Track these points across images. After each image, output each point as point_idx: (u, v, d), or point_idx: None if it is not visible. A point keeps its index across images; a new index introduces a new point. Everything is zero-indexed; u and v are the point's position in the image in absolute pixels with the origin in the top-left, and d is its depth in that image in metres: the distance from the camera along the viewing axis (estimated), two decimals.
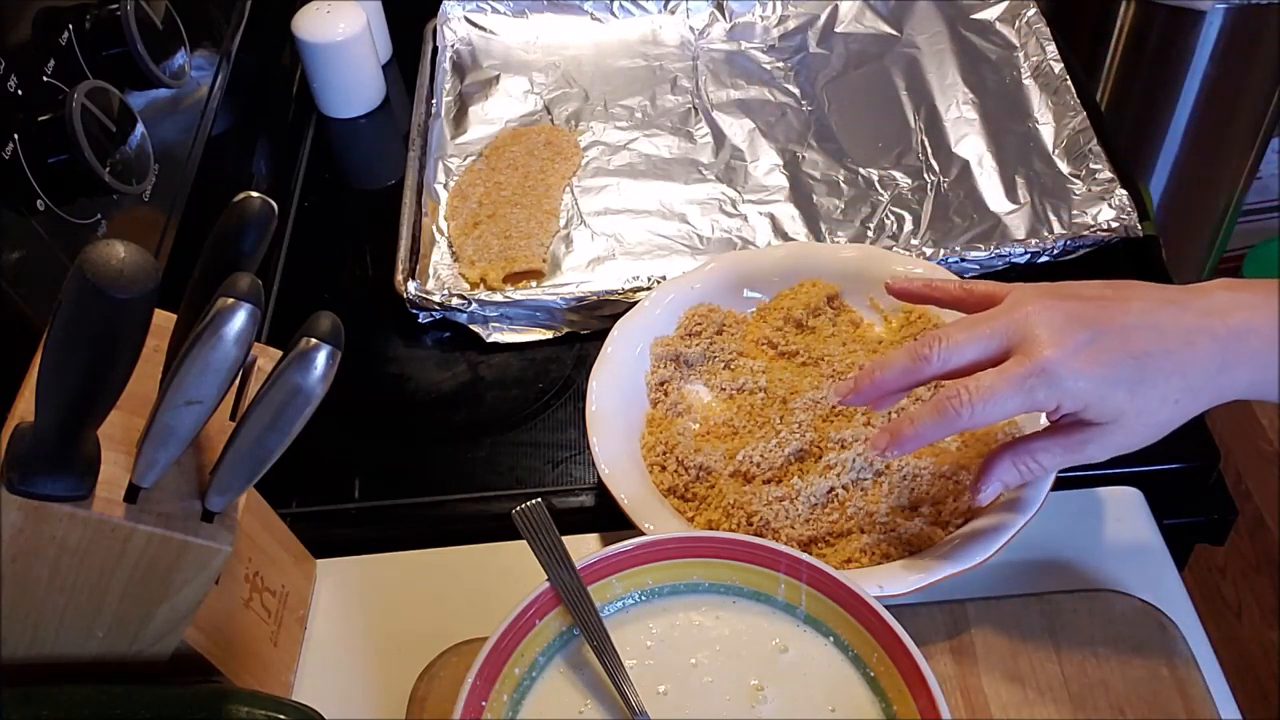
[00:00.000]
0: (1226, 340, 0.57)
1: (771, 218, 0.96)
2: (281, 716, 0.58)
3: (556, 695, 0.64)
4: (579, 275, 0.93)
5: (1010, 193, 0.96)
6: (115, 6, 0.76)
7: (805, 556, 0.64)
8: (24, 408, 0.54)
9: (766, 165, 1.01)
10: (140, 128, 0.76)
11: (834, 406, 0.77)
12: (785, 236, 0.95)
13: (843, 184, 0.99)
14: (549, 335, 0.90)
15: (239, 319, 0.46)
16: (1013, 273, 0.89)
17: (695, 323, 0.82)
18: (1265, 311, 0.57)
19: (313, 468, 0.78)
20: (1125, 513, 0.77)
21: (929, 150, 1.01)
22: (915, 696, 0.60)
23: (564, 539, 0.63)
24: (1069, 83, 1.02)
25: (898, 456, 0.64)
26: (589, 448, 0.74)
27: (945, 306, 0.68)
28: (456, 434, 0.85)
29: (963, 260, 0.88)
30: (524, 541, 0.62)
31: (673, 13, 1.15)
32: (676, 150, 1.03)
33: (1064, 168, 0.98)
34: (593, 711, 0.63)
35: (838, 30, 1.13)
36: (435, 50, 1.12)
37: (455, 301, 0.89)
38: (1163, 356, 0.57)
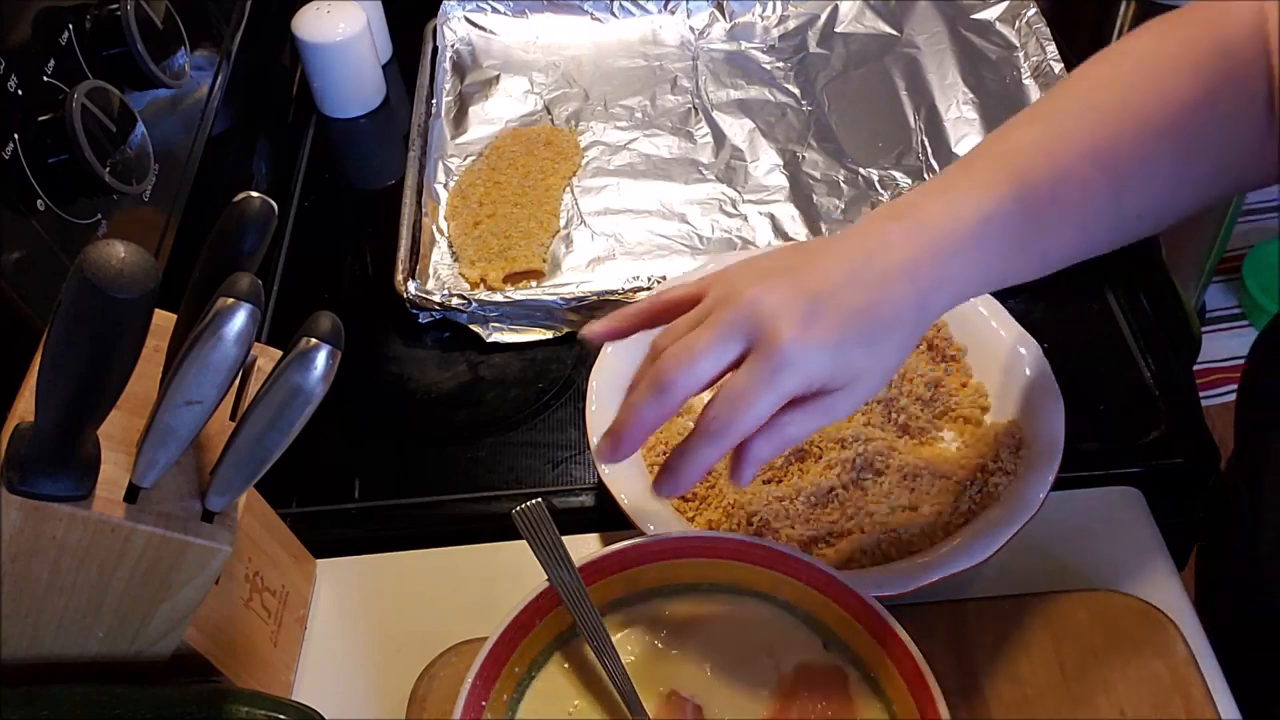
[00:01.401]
0: (915, 278, 0.57)
1: (771, 218, 0.96)
2: (281, 716, 0.58)
3: (556, 695, 0.64)
4: (579, 275, 0.93)
5: None
6: (115, 6, 0.76)
7: (805, 556, 0.64)
8: (24, 408, 0.54)
9: (766, 165, 1.01)
10: (140, 128, 0.76)
11: None
12: (785, 237, 0.95)
13: (843, 184, 0.99)
14: (549, 335, 0.90)
15: (239, 319, 0.46)
16: None
17: None
18: (922, 238, 0.57)
19: (313, 468, 0.78)
20: (1125, 513, 0.77)
21: (929, 150, 1.01)
22: (915, 696, 0.60)
23: (564, 539, 0.63)
24: None
25: (691, 488, 0.60)
26: (589, 448, 0.74)
27: (643, 329, 0.63)
28: (456, 434, 0.85)
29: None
30: (524, 541, 0.62)
31: (673, 13, 1.14)
32: (676, 150, 1.03)
33: None
34: (592, 712, 0.63)
35: (838, 30, 1.13)
36: (435, 50, 1.12)
37: (455, 301, 0.89)
38: (876, 309, 0.56)
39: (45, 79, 0.70)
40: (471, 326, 0.90)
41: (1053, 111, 0.61)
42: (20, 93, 0.68)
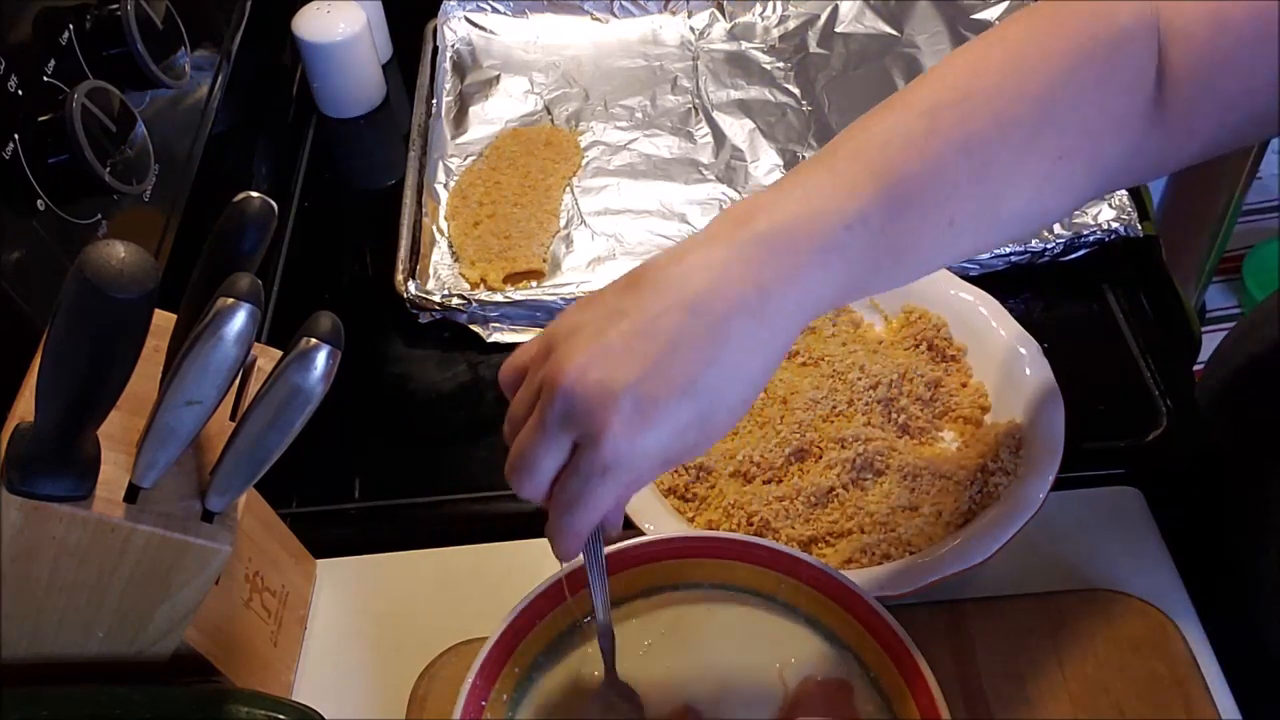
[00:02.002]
0: (762, 310, 0.51)
1: None
2: (281, 716, 0.58)
3: (555, 695, 0.64)
4: (579, 275, 0.93)
5: None
6: (115, 6, 0.76)
7: (805, 556, 0.64)
8: (24, 408, 0.54)
9: (767, 165, 1.00)
10: (140, 127, 0.76)
11: (833, 407, 0.77)
12: None
13: None
14: None
15: (239, 319, 0.46)
16: (1013, 272, 0.89)
17: None
18: (776, 254, 0.52)
19: (313, 468, 0.77)
20: (1125, 513, 0.76)
21: None
22: (915, 696, 0.60)
23: None
24: None
25: (574, 557, 0.57)
26: None
27: (538, 446, 0.54)
28: (456, 434, 0.85)
29: (963, 260, 0.88)
30: (523, 542, 0.62)
31: (673, 13, 1.14)
32: (677, 150, 1.03)
33: None
34: (592, 711, 0.63)
35: (838, 30, 1.13)
36: (435, 50, 1.12)
37: (455, 302, 0.89)
38: (710, 375, 0.51)
39: (45, 79, 0.70)
40: (471, 326, 0.90)
41: (921, 101, 0.55)
42: (20, 93, 0.68)
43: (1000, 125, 0.55)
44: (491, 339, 0.89)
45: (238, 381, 0.56)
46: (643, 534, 0.68)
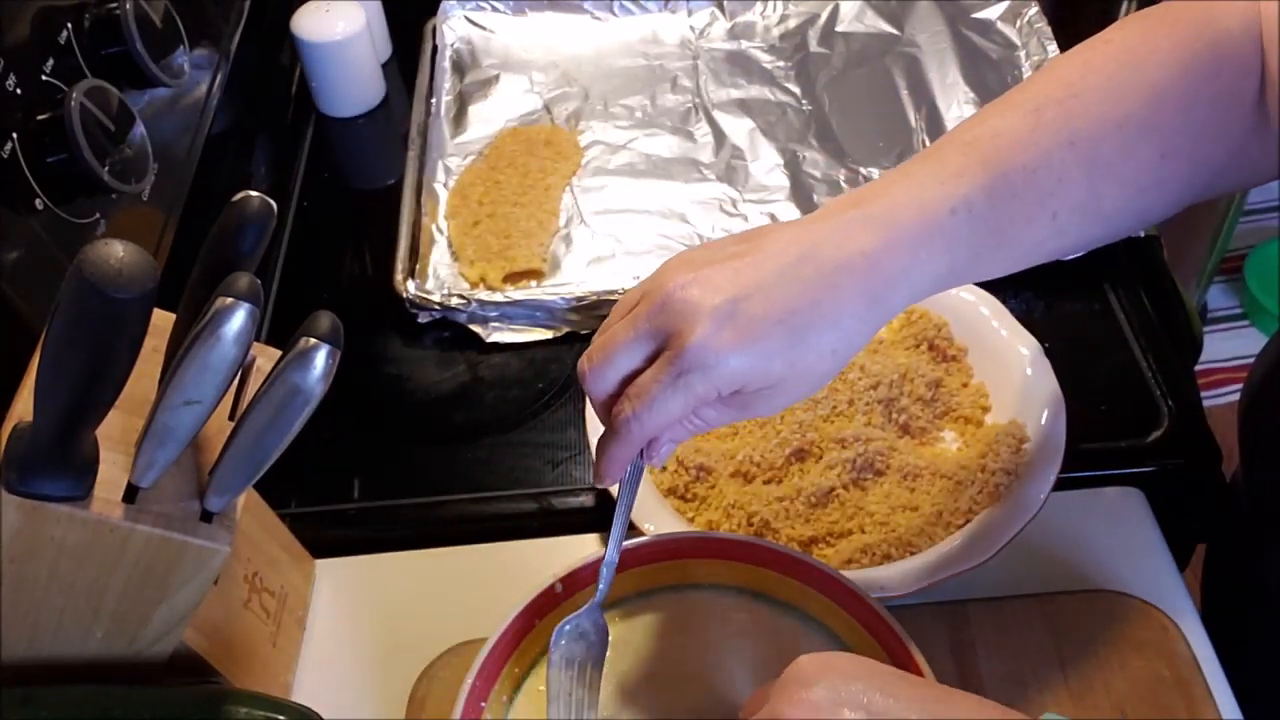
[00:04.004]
0: (869, 273, 0.53)
1: (772, 217, 0.96)
2: (280, 717, 0.58)
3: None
4: (579, 275, 0.93)
5: None
6: (114, 5, 0.76)
7: (805, 557, 0.64)
8: (22, 408, 0.54)
9: (767, 165, 1.00)
10: (139, 127, 0.76)
11: (834, 407, 0.77)
12: None
13: (843, 183, 0.98)
14: (549, 335, 0.90)
15: (238, 319, 0.46)
16: (1014, 272, 0.89)
17: None
18: (883, 229, 0.54)
19: (312, 468, 0.77)
20: (1125, 513, 0.76)
21: None
22: None
23: (563, 539, 0.63)
24: None
25: (615, 480, 0.58)
26: (589, 448, 0.74)
27: (623, 340, 0.55)
28: (456, 434, 0.85)
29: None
30: (523, 542, 0.62)
31: (673, 12, 1.14)
32: (677, 150, 1.03)
33: None
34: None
35: (838, 29, 1.13)
36: (435, 49, 1.12)
37: (455, 301, 0.88)
38: (810, 311, 0.52)
39: (44, 78, 0.70)
40: (471, 326, 0.90)
41: (1030, 99, 0.58)
42: (19, 92, 0.68)
43: (1106, 122, 0.56)
44: (491, 339, 0.89)
45: (237, 381, 0.56)
46: (643, 534, 0.68)
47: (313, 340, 0.47)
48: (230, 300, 0.46)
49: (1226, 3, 0.58)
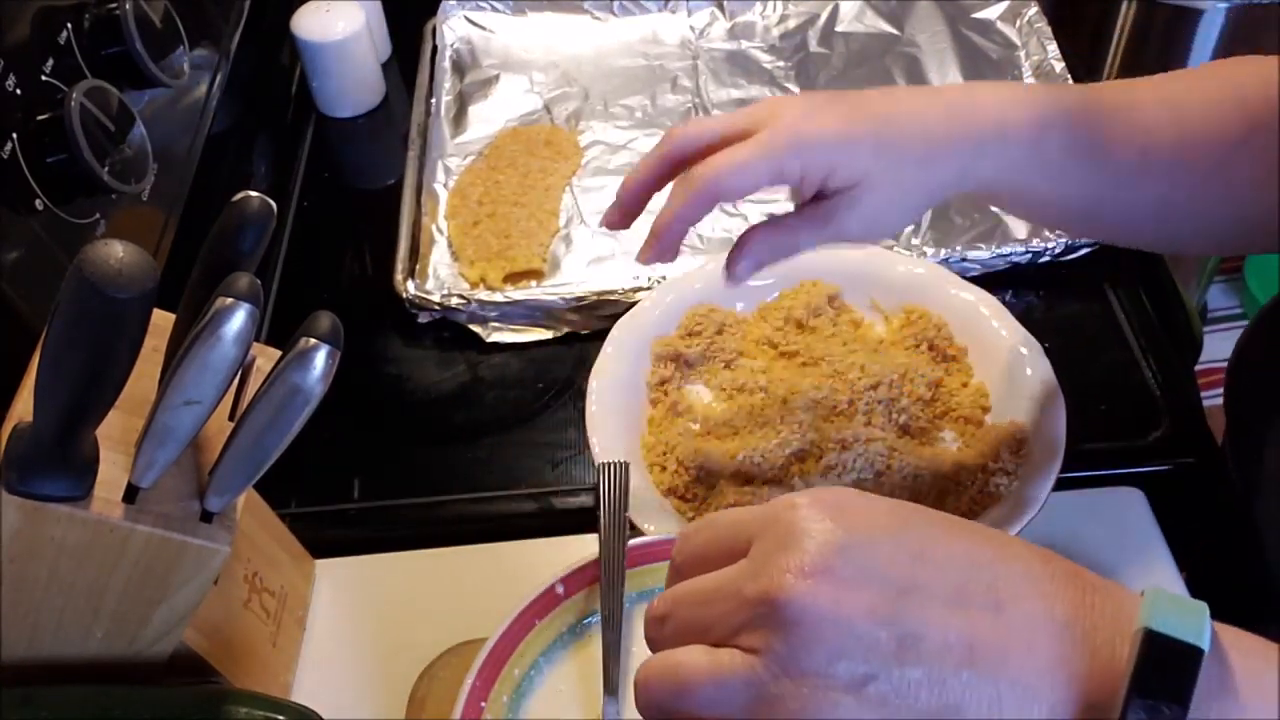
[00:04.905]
0: (970, 122, 0.56)
1: (771, 218, 0.96)
2: (280, 717, 0.58)
3: (555, 696, 0.63)
4: (579, 275, 0.92)
5: None
6: (114, 5, 0.76)
7: None
8: (22, 408, 0.54)
9: None
10: (139, 127, 0.76)
11: (834, 407, 0.77)
12: None
13: None
14: (549, 335, 0.89)
15: (238, 319, 0.46)
16: (1014, 272, 0.89)
17: (695, 323, 0.82)
18: (1024, 109, 0.57)
19: (312, 468, 0.77)
20: (1125, 513, 0.76)
21: None
22: None
23: (563, 539, 0.63)
24: (1070, 82, 1.02)
25: (667, 253, 0.60)
26: (589, 448, 0.74)
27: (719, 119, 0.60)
28: (456, 434, 0.85)
29: (964, 260, 0.88)
30: (523, 542, 0.62)
31: (673, 12, 1.14)
32: None
33: None
34: (592, 711, 0.63)
35: (838, 29, 1.13)
36: (435, 49, 1.12)
37: (455, 301, 0.88)
38: (904, 117, 0.56)
39: (44, 78, 0.70)
40: (471, 326, 0.90)
41: (1121, 80, 0.62)
42: (19, 92, 0.68)
43: (1194, 116, 0.59)
44: (491, 339, 0.89)
45: (237, 381, 0.56)
46: (643, 534, 0.68)
47: (313, 340, 0.47)
48: (230, 300, 0.46)
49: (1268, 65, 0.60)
